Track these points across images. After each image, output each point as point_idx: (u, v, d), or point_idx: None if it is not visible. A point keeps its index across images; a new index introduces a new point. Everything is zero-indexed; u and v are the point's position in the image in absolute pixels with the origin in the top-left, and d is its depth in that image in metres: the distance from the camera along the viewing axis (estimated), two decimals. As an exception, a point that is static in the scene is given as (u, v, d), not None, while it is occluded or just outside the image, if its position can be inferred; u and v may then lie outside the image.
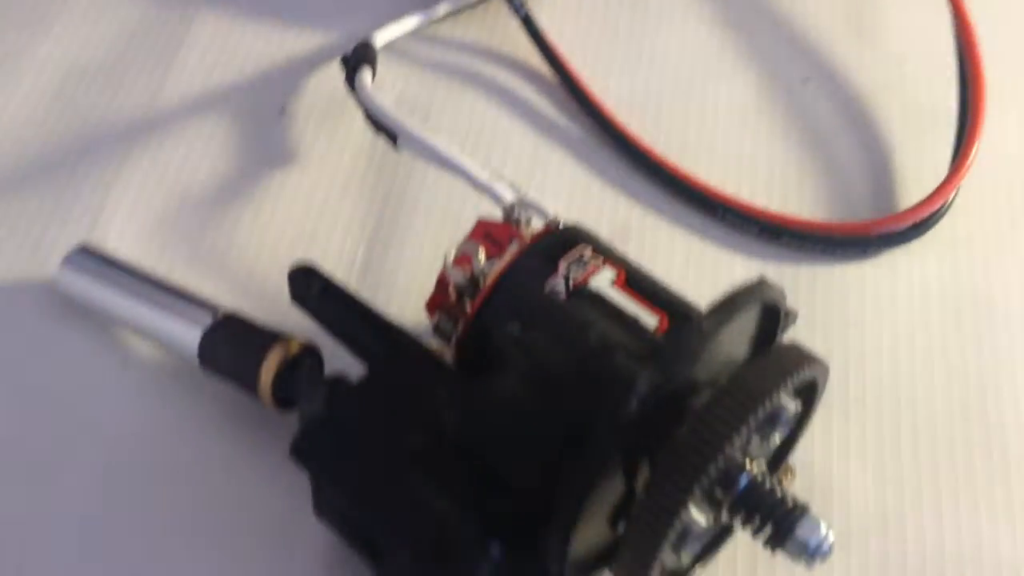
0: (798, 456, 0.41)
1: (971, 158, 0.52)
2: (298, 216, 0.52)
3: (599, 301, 0.38)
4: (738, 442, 0.33)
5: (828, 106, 0.58)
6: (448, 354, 0.41)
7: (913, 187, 0.54)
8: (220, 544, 0.42)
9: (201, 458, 0.44)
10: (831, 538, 0.34)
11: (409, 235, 0.51)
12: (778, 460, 0.39)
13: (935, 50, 0.56)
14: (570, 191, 0.53)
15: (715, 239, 0.53)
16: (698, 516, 0.33)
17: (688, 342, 0.32)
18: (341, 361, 0.41)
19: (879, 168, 0.55)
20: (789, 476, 0.40)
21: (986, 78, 0.53)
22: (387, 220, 0.52)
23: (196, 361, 0.43)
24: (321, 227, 0.51)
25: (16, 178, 0.52)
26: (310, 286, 0.41)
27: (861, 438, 0.45)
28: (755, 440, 0.35)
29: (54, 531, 0.42)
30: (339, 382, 0.40)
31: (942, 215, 0.52)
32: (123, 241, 0.50)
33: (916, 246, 0.52)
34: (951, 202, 0.52)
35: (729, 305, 0.33)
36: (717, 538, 0.39)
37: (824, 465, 0.44)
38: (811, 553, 0.34)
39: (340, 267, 0.49)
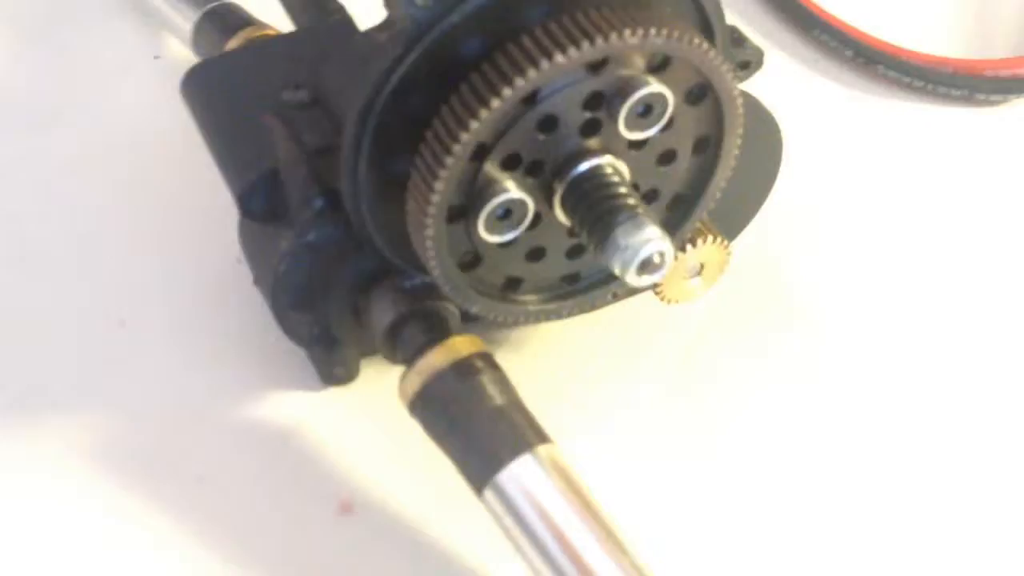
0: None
1: None
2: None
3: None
4: (569, 95, 0.28)
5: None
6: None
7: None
8: (151, 228, 0.42)
9: (180, 147, 0.43)
10: (660, 250, 0.28)
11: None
12: (684, 209, 0.32)
13: None
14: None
15: (804, 60, 0.46)
16: (508, 182, 0.29)
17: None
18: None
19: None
20: (709, 241, 0.34)
21: None
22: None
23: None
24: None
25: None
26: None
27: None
28: (606, 125, 0.29)
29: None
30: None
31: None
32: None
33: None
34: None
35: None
36: (591, 285, 0.33)
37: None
38: (629, 260, 0.28)
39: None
